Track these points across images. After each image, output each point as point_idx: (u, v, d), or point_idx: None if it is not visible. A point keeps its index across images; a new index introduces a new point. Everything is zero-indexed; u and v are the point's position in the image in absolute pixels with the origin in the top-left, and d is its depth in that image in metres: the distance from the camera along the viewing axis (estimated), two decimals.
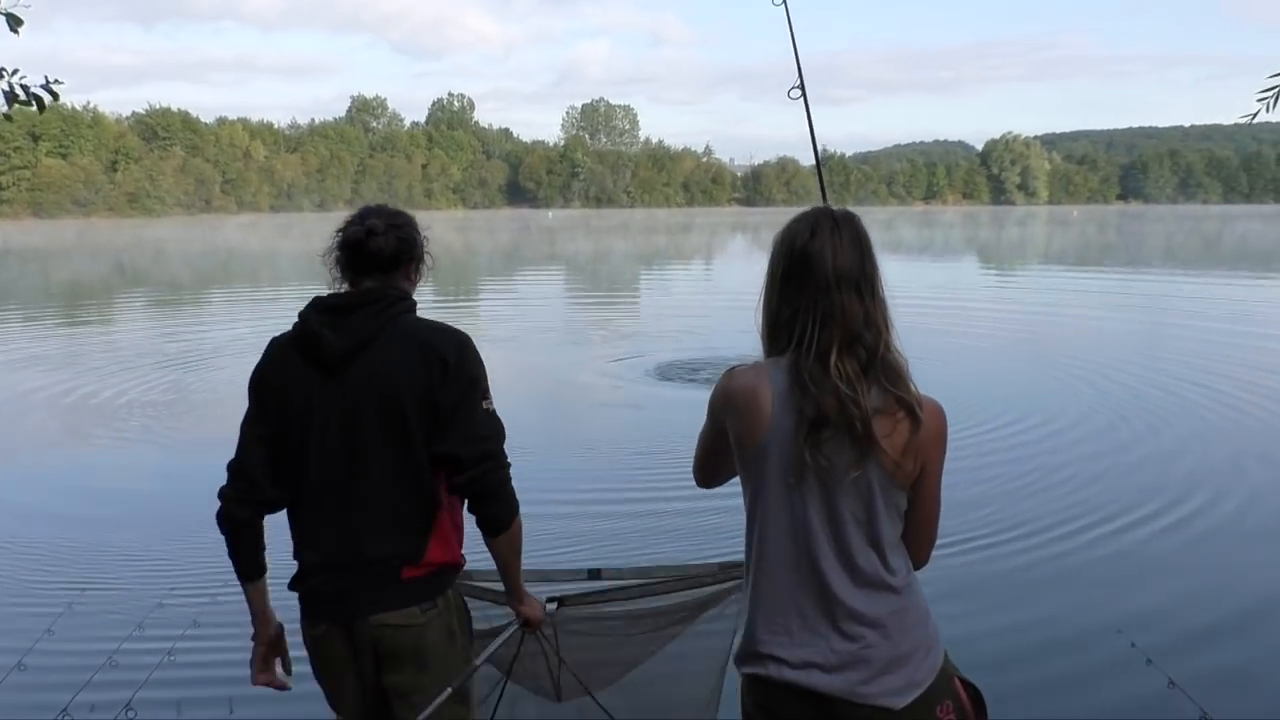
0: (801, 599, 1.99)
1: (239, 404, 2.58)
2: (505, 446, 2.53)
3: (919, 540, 2.07)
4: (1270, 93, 3.83)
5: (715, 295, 25.11)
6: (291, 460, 2.49)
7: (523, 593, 2.73)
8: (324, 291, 2.58)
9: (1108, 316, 19.13)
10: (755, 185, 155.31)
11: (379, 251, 2.51)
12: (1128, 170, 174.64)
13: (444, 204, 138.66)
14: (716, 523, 6.28)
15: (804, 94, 3.29)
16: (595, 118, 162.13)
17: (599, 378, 12.46)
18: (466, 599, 2.71)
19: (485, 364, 2.54)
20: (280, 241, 58.67)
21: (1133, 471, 7.94)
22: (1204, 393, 11.00)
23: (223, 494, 2.51)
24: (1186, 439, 9.00)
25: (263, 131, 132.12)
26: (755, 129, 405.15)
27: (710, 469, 2.25)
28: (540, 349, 15.06)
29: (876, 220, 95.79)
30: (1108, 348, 14.39)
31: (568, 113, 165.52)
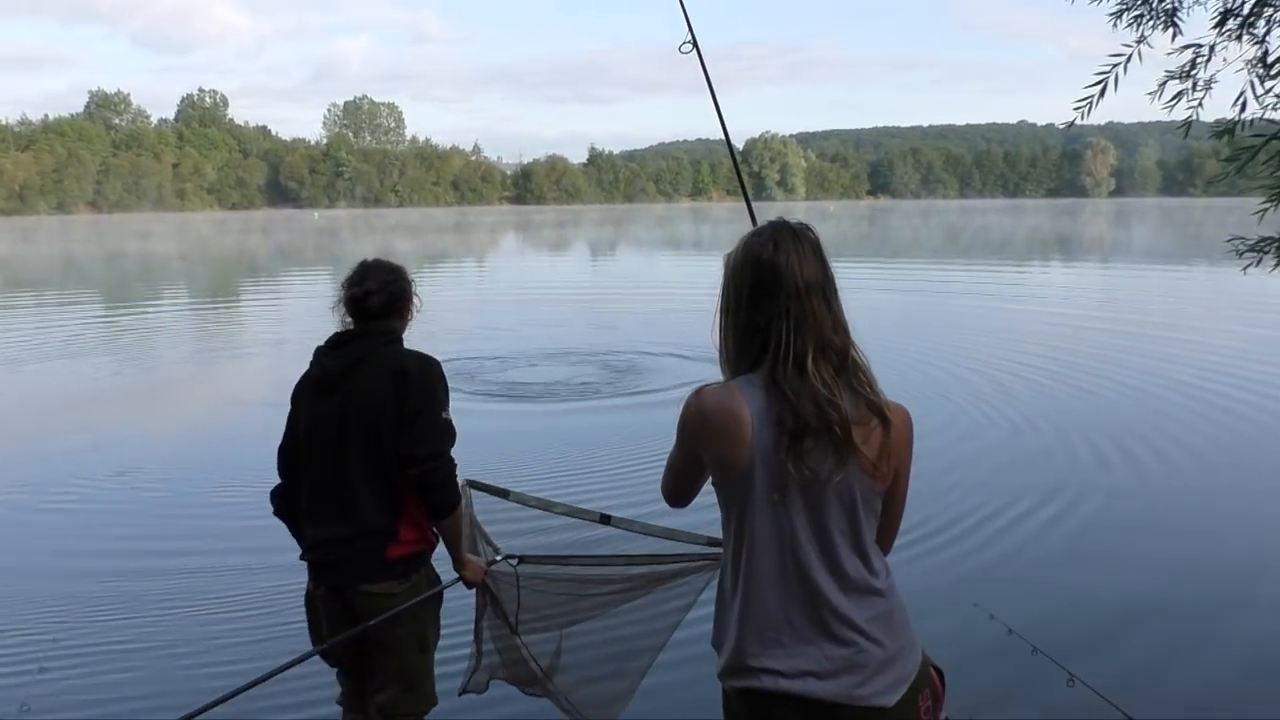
0: (791, 611, 2.02)
1: None
2: (453, 451, 3.16)
3: (886, 537, 2.16)
4: (1085, 102, 4.14)
5: (507, 291, 25.01)
6: (301, 460, 3.22)
7: (464, 559, 3.36)
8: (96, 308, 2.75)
9: (896, 305, 19.71)
10: (525, 184, 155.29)
11: (374, 307, 3.20)
12: (875, 167, 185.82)
13: (198, 204, 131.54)
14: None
15: (696, 48, 3.22)
16: (359, 115, 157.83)
17: None
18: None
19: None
20: (14, 246, 53.99)
21: (983, 457, 8.28)
22: (1007, 370, 11.86)
23: (273, 496, 3.33)
24: (1030, 420, 9.50)
25: None
26: (522, 127, 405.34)
27: (683, 491, 2.27)
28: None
29: (652, 217, 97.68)
30: (909, 335, 14.79)
31: (329, 110, 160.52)
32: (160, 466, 8.32)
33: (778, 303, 2.01)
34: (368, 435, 3.10)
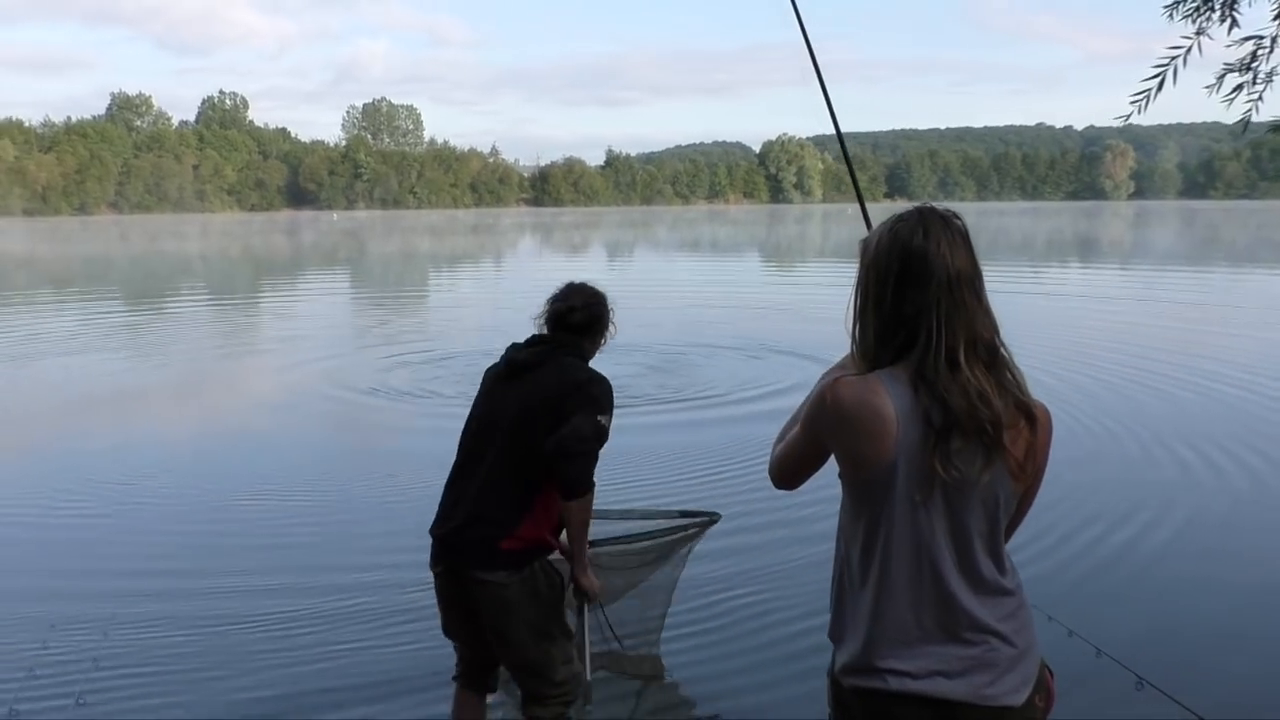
0: (922, 612, 1.96)
1: None
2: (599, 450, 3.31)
3: (1009, 533, 2.09)
4: (1141, 96, 4.07)
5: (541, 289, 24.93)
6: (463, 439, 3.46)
7: (584, 562, 3.46)
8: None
9: None
10: (543, 185, 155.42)
11: (576, 322, 3.44)
12: (893, 170, 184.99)
13: (218, 206, 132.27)
14: None
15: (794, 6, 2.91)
16: (377, 117, 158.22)
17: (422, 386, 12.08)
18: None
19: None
20: (38, 245, 54.30)
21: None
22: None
23: None
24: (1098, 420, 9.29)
25: (11, 130, 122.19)
26: (539, 129, 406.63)
27: (798, 478, 2.18)
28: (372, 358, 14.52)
29: (677, 219, 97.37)
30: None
31: (348, 112, 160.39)
32: (186, 471, 8.15)
33: (928, 293, 1.91)
34: (521, 427, 3.27)
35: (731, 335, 15.07)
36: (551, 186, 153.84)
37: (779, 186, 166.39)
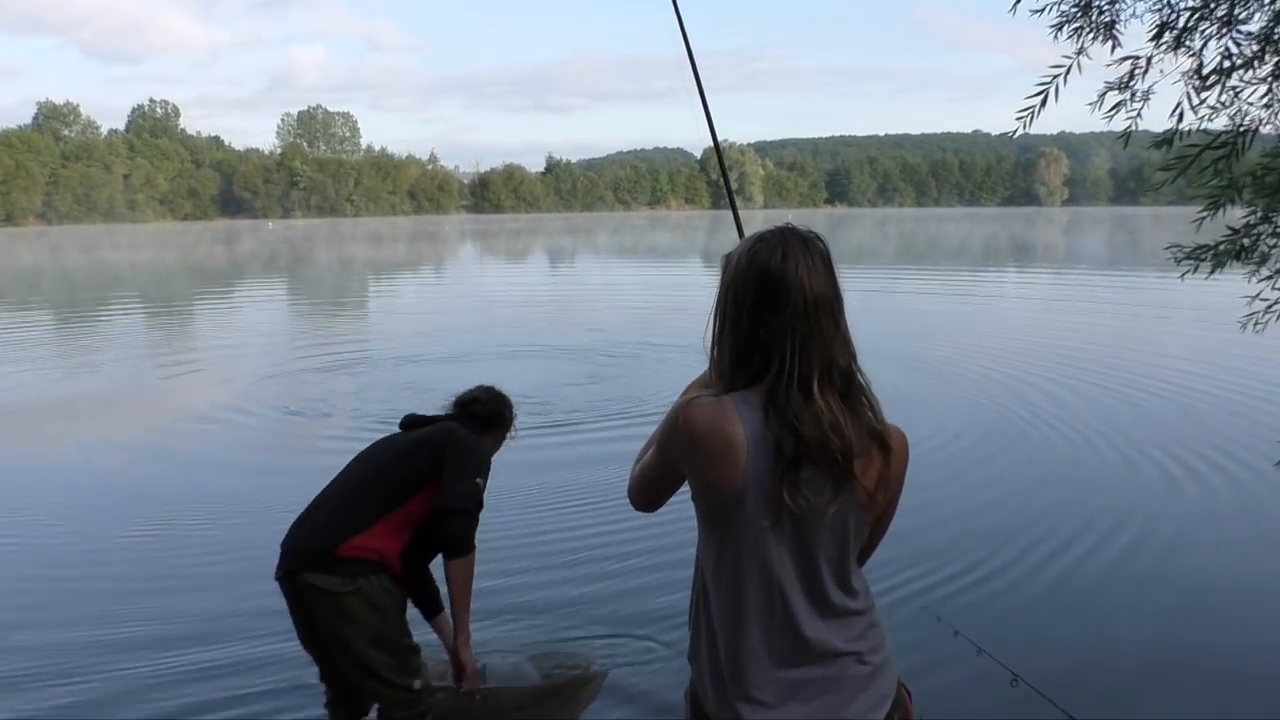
0: (772, 639, 1.93)
1: None
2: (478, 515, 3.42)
3: (864, 555, 2.08)
4: (1026, 112, 4.18)
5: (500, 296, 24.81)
6: None
7: (464, 633, 3.47)
8: None
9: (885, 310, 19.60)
10: (483, 192, 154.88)
11: (479, 414, 3.74)
12: (833, 176, 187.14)
13: (150, 216, 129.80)
14: None
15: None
16: (313, 125, 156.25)
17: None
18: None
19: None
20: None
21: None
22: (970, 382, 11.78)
23: None
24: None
25: None
26: (479, 136, 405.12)
27: (656, 499, 2.13)
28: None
29: (625, 225, 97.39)
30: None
31: (283, 120, 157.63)
32: (83, 496, 7.77)
33: (783, 318, 1.87)
34: (393, 460, 3.49)
35: (688, 336, 15.09)
36: (491, 193, 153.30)
37: (720, 192, 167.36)
